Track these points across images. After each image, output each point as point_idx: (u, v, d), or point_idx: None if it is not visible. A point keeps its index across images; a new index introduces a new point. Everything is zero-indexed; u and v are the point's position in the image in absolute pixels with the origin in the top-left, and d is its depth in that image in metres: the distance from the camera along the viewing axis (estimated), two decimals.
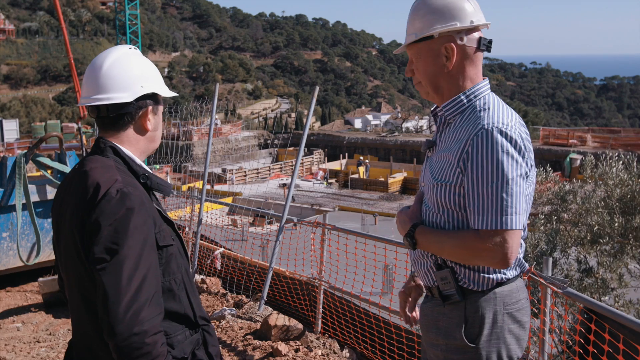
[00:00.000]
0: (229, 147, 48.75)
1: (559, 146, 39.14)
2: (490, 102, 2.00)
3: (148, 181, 1.85)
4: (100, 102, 1.85)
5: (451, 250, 1.93)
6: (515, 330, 2.00)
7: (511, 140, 1.86)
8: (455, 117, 2.04)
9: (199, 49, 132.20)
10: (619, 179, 6.73)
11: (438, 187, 1.99)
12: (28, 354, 5.00)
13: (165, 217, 1.88)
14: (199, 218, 7.04)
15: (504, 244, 1.84)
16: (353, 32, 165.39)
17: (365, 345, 4.90)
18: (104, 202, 1.68)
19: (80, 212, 1.72)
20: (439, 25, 2.01)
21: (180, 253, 1.92)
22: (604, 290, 6.89)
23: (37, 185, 6.40)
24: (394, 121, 69.29)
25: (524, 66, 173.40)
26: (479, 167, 1.87)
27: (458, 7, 2.01)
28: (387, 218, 30.30)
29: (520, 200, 1.86)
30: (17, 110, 69.75)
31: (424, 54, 2.06)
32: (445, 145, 2.03)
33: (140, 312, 1.59)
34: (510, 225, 1.84)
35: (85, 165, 1.82)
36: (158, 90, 1.94)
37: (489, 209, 1.85)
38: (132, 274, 1.62)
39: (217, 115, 36.95)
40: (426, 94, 2.14)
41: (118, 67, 1.88)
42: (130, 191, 1.72)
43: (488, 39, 2.06)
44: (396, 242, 4.53)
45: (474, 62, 2.05)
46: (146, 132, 1.93)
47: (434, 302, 2.08)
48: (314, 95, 5.56)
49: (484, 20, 2.05)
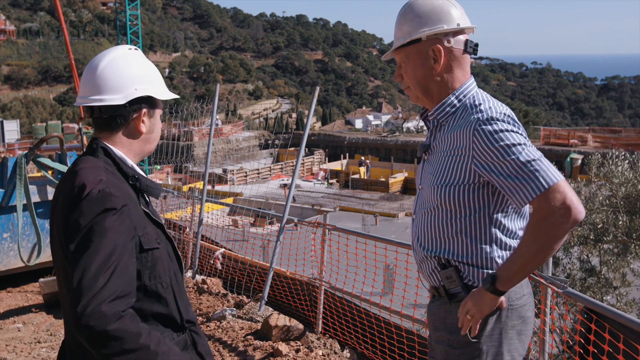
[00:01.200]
0: (229, 147, 48.78)
1: (559, 146, 39.17)
2: (480, 98, 2.05)
3: (137, 183, 1.84)
4: (93, 103, 1.85)
5: (533, 255, 1.87)
6: (518, 326, 2.02)
7: (508, 122, 1.93)
8: (447, 118, 2.08)
9: (199, 50, 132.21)
10: (624, 177, 6.73)
11: (443, 189, 2.02)
12: (29, 354, 5.00)
13: (154, 219, 1.87)
14: (199, 218, 7.04)
15: (560, 199, 1.82)
16: (354, 32, 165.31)
17: (366, 346, 4.90)
18: (85, 202, 1.68)
19: (65, 210, 1.73)
20: (427, 28, 2.06)
21: (170, 256, 1.91)
22: (607, 289, 6.89)
23: (38, 185, 6.41)
24: (394, 121, 69.29)
25: (525, 66, 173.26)
26: (492, 156, 1.90)
27: (444, 11, 2.07)
28: (388, 218, 30.31)
29: (542, 156, 1.89)
30: (18, 111, 69.83)
31: (412, 57, 2.10)
32: (443, 148, 2.06)
33: (100, 307, 1.56)
34: (550, 180, 1.84)
35: (76, 165, 1.83)
36: (153, 93, 1.91)
37: (523, 180, 1.86)
38: (99, 271, 1.59)
39: (217, 115, 36.95)
40: (415, 98, 2.17)
41: (113, 68, 1.86)
42: (112, 192, 1.71)
43: (474, 42, 2.10)
44: (396, 242, 4.53)
45: (462, 64, 2.10)
46: (140, 134, 1.91)
47: (441, 300, 2.12)
48: (314, 96, 5.56)
49: (470, 23, 2.11)
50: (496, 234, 2.01)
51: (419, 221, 2.17)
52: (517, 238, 2.04)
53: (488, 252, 2.01)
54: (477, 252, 2.01)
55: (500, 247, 2.01)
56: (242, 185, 37.70)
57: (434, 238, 2.09)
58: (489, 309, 1.95)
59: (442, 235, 2.06)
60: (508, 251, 2.02)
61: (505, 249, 2.02)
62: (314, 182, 41.94)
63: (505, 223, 2.01)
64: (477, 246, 2.01)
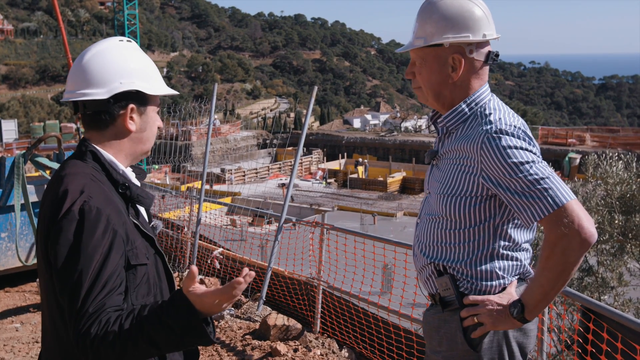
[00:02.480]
0: (227, 147, 48.75)
1: (557, 145, 39.21)
2: (491, 107, 1.95)
3: (127, 191, 1.70)
4: (76, 98, 1.70)
5: (552, 283, 1.80)
6: (519, 338, 1.95)
7: (518, 137, 1.84)
8: (457, 126, 1.99)
9: (197, 49, 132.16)
10: (619, 177, 6.74)
11: (449, 199, 1.95)
12: (27, 354, 5.00)
13: (143, 232, 1.72)
14: (197, 218, 7.04)
15: (569, 220, 1.74)
16: (352, 31, 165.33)
17: (364, 345, 4.90)
18: (65, 219, 1.56)
19: (47, 222, 1.62)
20: (451, 34, 1.92)
21: (159, 273, 1.77)
22: (604, 289, 6.91)
23: (36, 185, 6.40)
24: (392, 121, 69.37)
25: (523, 65, 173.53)
26: (500, 172, 1.83)
27: (473, 18, 1.93)
28: (386, 218, 30.33)
29: (553, 174, 1.81)
30: (16, 111, 69.66)
31: (430, 60, 1.98)
32: (451, 156, 1.98)
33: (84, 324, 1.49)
34: (559, 200, 1.76)
35: (62, 170, 1.71)
36: (142, 88, 1.72)
37: (531, 199, 1.79)
38: (78, 284, 1.52)
39: (215, 115, 36.91)
40: (425, 100, 2.07)
41: (98, 61, 1.71)
42: (92, 206, 1.57)
43: (495, 52, 1.99)
44: (395, 242, 4.53)
45: (480, 75, 2.00)
46: (128, 132, 1.74)
47: (436, 309, 2.04)
48: (312, 95, 5.55)
49: (495, 33, 1.98)
50: (499, 245, 1.94)
51: (422, 226, 2.10)
52: (521, 250, 1.97)
53: (489, 262, 1.94)
54: (477, 262, 1.94)
55: (502, 258, 1.94)
56: (240, 184, 37.66)
57: (435, 245, 2.02)
58: (504, 328, 1.89)
59: (444, 244, 1.99)
60: (510, 261, 1.95)
61: (507, 260, 1.95)
62: (312, 181, 41.95)
63: (510, 234, 1.94)
64: (478, 256, 1.94)
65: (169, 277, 1.83)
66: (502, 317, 1.86)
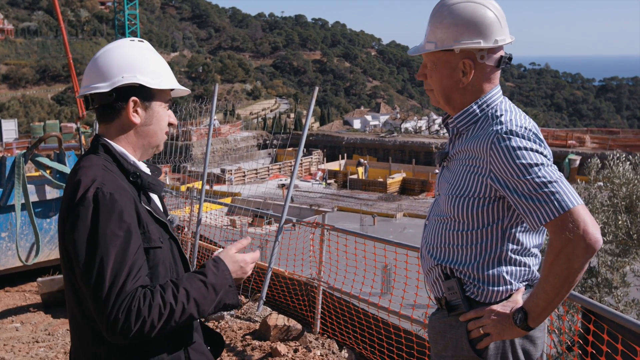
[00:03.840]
0: (228, 147, 48.76)
1: (557, 147, 39.23)
2: (502, 108, 1.95)
3: (138, 179, 1.78)
4: (84, 92, 1.81)
5: (556, 290, 1.78)
6: (525, 345, 1.93)
7: (529, 138, 1.82)
8: (468, 127, 1.99)
9: (198, 49, 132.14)
10: (625, 178, 6.73)
11: (457, 200, 1.94)
12: (27, 354, 5.00)
13: (157, 217, 1.79)
14: (198, 218, 7.04)
15: (575, 226, 1.73)
16: (352, 32, 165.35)
17: (364, 346, 4.90)
18: (80, 206, 1.63)
19: (63, 212, 1.69)
20: (463, 40, 1.91)
21: (174, 257, 1.84)
22: (607, 290, 6.89)
23: (36, 185, 6.40)
24: (392, 122, 69.35)
25: (523, 67, 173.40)
26: (508, 173, 1.81)
27: (485, 23, 1.91)
28: (386, 218, 30.33)
29: (562, 177, 1.79)
30: (16, 110, 69.67)
31: (441, 65, 1.97)
32: (461, 157, 1.98)
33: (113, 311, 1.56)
34: (565, 205, 1.74)
35: (77, 164, 1.80)
36: (144, 82, 1.80)
37: (538, 203, 1.77)
38: (101, 271, 1.58)
39: (216, 115, 36.95)
40: (436, 102, 2.07)
41: (105, 57, 1.81)
42: (106, 193, 1.64)
43: (508, 56, 1.98)
44: (395, 243, 4.53)
45: (491, 80, 1.99)
46: (133, 125, 1.82)
47: (442, 313, 2.03)
48: (313, 96, 5.56)
49: (509, 38, 1.97)
50: (507, 248, 1.92)
51: (430, 228, 2.08)
52: (529, 255, 1.95)
53: (496, 266, 1.92)
54: (485, 265, 1.92)
55: (510, 262, 1.93)
56: (241, 185, 37.69)
57: (443, 247, 2.00)
58: (510, 337, 1.88)
59: (451, 245, 1.97)
60: (519, 267, 1.93)
61: (515, 265, 1.93)
62: (312, 182, 41.94)
63: (519, 238, 1.92)
64: (486, 259, 1.92)
65: (184, 261, 1.90)
66: (507, 327, 1.85)
